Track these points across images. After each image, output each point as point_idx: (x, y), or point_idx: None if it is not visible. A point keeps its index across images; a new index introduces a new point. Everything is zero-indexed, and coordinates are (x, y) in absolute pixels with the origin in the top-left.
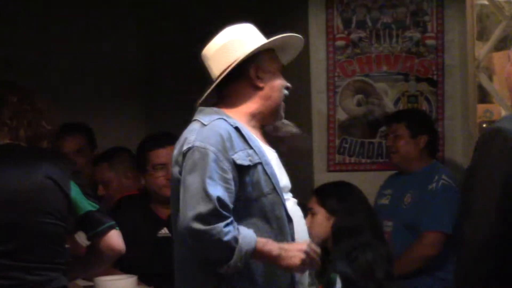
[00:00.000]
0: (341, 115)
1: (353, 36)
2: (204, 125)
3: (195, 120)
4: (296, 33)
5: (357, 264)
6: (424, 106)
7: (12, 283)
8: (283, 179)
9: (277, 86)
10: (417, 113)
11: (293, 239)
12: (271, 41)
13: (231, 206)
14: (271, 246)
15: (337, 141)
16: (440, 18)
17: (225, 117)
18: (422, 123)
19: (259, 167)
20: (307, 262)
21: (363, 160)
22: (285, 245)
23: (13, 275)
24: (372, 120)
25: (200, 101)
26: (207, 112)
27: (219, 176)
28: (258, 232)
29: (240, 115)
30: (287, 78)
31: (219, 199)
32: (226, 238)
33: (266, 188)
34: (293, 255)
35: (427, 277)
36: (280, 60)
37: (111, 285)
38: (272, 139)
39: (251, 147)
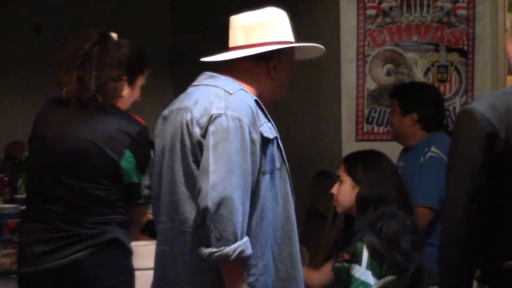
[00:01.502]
0: (371, 84)
1: (384, 5)
2: (230, 93)
3: (212, 86)
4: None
5: (383, 235)
6: (454, 77)
7: (63, 235)
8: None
9: (284, 84)
10: (410, 89)
11: (296, 216)
12: (304, 45)
13: (254, 180)
14: (242, 281)
15: (366, 111)
16: None
17: (245, 89)
18: (413, 101)
19: (275, 141)
20: None
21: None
22: None
23: (65, 227)
24: None
25: (206, 59)
26: (225, 80)
27: (251, 149)
28: (267, 204)
29: (252, 90)
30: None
31: (246, 174)
32: (239, 231)
33: (277, 163)
34: None
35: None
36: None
37: (136, 250)
38: None
39: (269, 121)
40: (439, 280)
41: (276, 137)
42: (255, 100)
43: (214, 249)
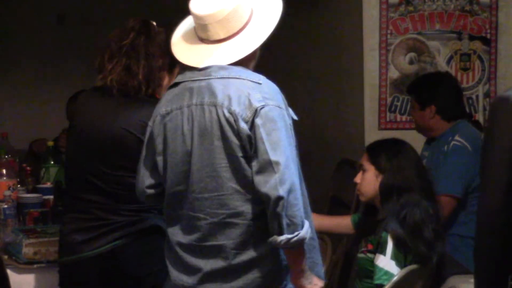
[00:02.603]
0: (393, 73)
1: None
2: (259, 83)
3: (233, 78)
4: None
5: (406, 224)
6: (477, 65)
7: (102, 223)
8: None
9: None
10: (425, 82)
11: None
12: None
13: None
14: (305, 259)
15: (389, 99)
16: None
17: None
18: (429, 94)
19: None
20: None
21: None
22: (310, 271)
23: (104, 216)
24: None
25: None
26: (241, 71)
27: (291, 133)
28: (299, 177)
29: None
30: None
31: (295, 159)
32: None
33: (295, 140)
34: (315, 283)
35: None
36: None
37: None
38: None
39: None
40: (475, 273)
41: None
42: None
43: (289, 235)
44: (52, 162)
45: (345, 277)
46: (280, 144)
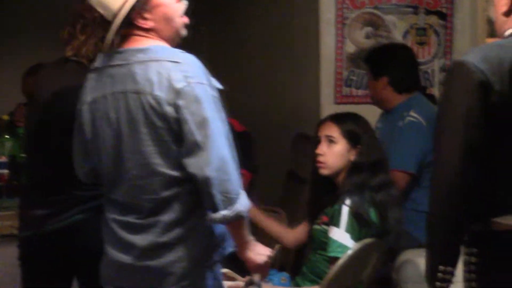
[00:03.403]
0: (350, 47)
1: None
2: (177, 62)
3: (151, 61)
4: None
5: (378, 201)
6: (433, 39)
7: (64, 198)
8: None
9: (169, 15)
10: (379, 53)
11: None
12: None
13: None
14: (248, 229)
15: (345, 73)
16: None
17: (179, 50)
18: (382, 64)
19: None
20: (264, 266)
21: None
22: (255, 241)
23: (66, 189)
24: None
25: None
26: (155, 50)
27: (218, 105)
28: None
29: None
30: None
31: (226, 131)
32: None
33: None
34: (260, 253)
35: None
36: None
37: None
38: None
39: None
40: (427, 239)
41: None
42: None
43: (225, 212)
44: (7, 136)
45: (301, 250)
46: (205, 122)
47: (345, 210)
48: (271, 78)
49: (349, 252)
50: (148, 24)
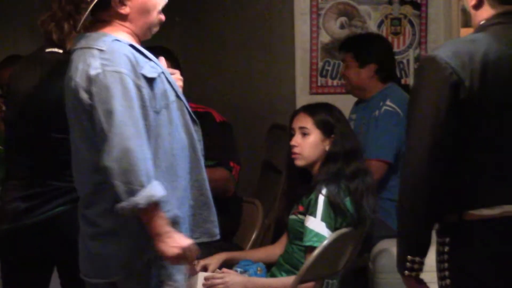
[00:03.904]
0: (324, 38)
1: None
2: (102, 49)
3: (86, 48)
4: None
5: (353, 190)
6: (408, 30)
7: (45, 190)
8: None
9: (146, 6)
10: (363, 40)
11: (200, 141)
12: None
13: (150, 123)
14: (164, 221)
15: (320, 64)
16: None
17: (117, 38)
18: (370, 51)
19: (162, 76)
20: (180, 258)
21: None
22: (172, 233)
23: (46, 182)
24: None
25: (78, 29)
26: (97, 37)
27: (137, 95)
28: (173, 140)
29: (122, 35)
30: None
31: (137, 122)
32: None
33: (171, 96)
34: (173, 245)
35: None
36: None
37: None
38: None
39: (150, 59)
40: (398, 229)
41: (162, 72)
42: (131, 45)
43: (124, 203)
44: None
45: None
46: (112, 111)
47: (321, 200)
48: (246, 68)
49: (325, 242)
50: (124, 10)
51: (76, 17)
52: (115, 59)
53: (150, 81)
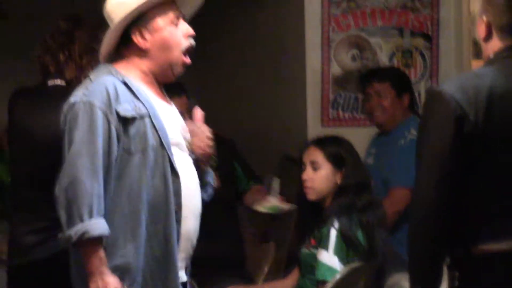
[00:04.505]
0: (336, 70)
1: None
2: (91, 80)
3: (87, 77)
4: None
5: (365, 223)
6: (419, 62)
7: (57, 224)
8: (177, 135)
9: (167, 43)
10: (398, 71)
11: (177, 196)
12: (147, 2)
13: (112, 161)
14: (100, 261)
15: (331, 96)
16: None
17: (113, 72)
18: (404, 81)
19: (146, 119)
20: None
21: (357, 115)
22: (107, 275)
23: (52, 214)
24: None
25: (101, 61)
26: (99, 69)
27: (104, 129)
28: (138, 184)
29: (131, 71)
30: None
31: (94, 155)
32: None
33: (152, 141)
34: (101, 286)
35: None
36: (180, 9)
37: None
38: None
39: (139, 100)
40: (408, 263)
41: (145, 115)
42: (123, 81)
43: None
44: None
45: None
46: (73, 140)
47: (333, 233)
48: (257, 100)
49: (338, 276)
50: (145, 44)
51: (70, 46)
52: (93, 90)
53: (125, 120)
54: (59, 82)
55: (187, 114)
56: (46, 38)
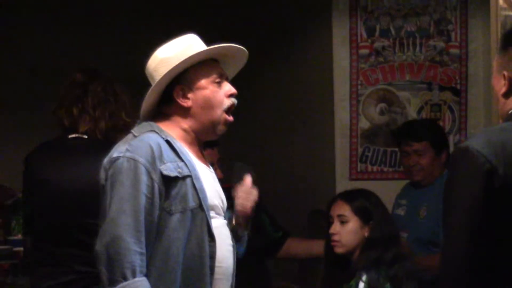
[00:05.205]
0: (364, 124)
1: (377, 44)
2: (135, 136)
3: (130, 132)
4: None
5: (393, 276)
6: (447, 116)
7: (83, 277)
8: (215, 198)
9: (210, 102)
10: (435, 127)
11: (212, 258)
12: (188, 59)
13: (154, 219)
14: None
15: (360, 150)
16: (464, 27)
17: (157, 130)
18: (443, 139)
19: (188, 180)
20: None
21: (385, 169)
22: None
23: (85, 269)
24: (394, 129)
25: (141, 118)
26: (142, 126)
27: (147, 187)
28: (176, 245)
29: (173, 130)
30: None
31: (138, 213)
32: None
33: (192, 202)
34: None
35: None
36: (223, 69)
37: None
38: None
39: (182, 160)
40: None
41: (188, 176)
42: (166, 140)
43: None
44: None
45: None
46: (116, 196)
47: (361, 286)
48: (286, 154)
49: None
50: (187, 103)
51: (84, 99)
52: (137, 147)
53: (168, 179)
54: (79, 135)
55: (216, 164)
56: (61, 92)
